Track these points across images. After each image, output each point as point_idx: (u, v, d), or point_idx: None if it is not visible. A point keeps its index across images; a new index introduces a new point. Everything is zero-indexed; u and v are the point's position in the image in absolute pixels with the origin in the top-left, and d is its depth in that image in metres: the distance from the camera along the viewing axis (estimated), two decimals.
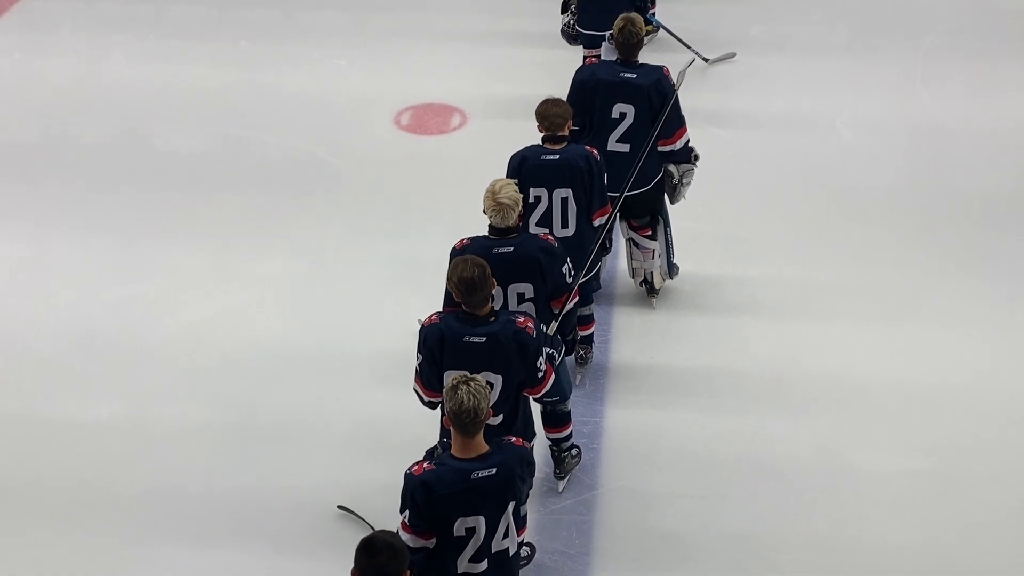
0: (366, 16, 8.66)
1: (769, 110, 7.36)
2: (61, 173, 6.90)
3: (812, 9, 8.60)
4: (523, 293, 4.29)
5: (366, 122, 7.32)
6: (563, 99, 4.94)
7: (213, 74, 7.85)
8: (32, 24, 8.64)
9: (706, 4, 8.53)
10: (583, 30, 6.99)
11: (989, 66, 7.79)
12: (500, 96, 7.45)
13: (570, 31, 7.16)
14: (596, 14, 6.64)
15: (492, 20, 8.56)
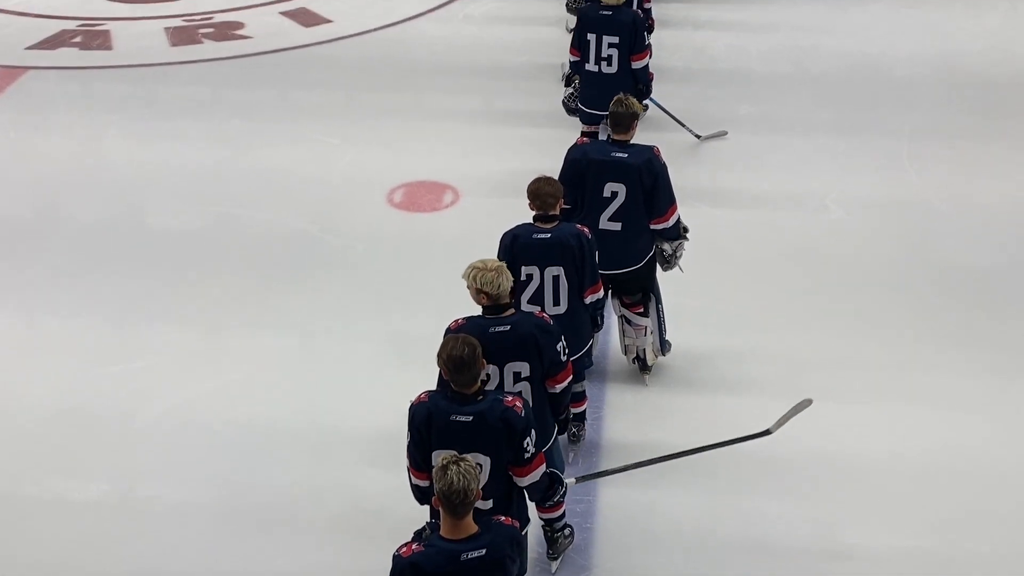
0: (359, 95, 8.76)
1: (759, 187, 7.42)
2: (53, 250, 6.90)
3: (798, 89, 8.73)
4: (519, 372, 4.28)
5: (359, 200, 7.36)
6: (554, 177, 4.98)
7: (206, 153, 7.90)
8: (28, 103, 8.72)
9: (695, 84, 8.66)
10: (584, 107, 7.08)
11: (973, 144, 7.90)
12: (492, 174, 7.51)
13: (570, 104, 7.28)
14: (597, 95, 6.73)
15: (484, 99, 8.67)
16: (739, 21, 9.83)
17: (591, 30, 6.85)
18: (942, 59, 9.12)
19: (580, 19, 7.02)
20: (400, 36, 9.72)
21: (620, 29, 6.79)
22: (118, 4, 10.25)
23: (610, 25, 6.80)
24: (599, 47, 6.83)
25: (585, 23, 6.92)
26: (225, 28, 9.73)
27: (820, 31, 9.65)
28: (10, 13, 10.06)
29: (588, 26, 6.88)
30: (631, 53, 6.83)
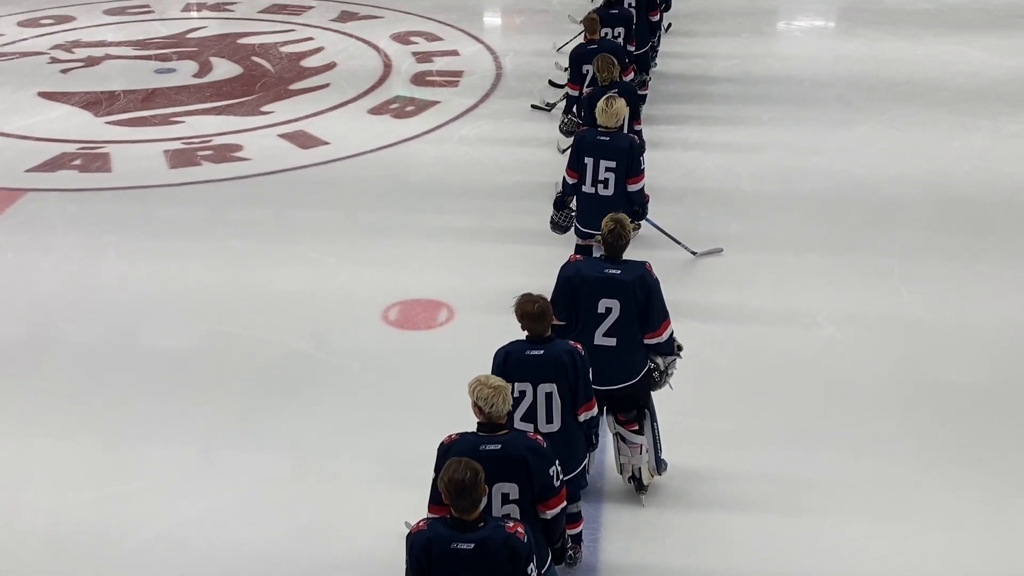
0: (355, 215, 8.86)
1: (752, 304, 7.46)
2: (47, 372, 6.88)
3: (788, 208, 8.84)
4: (508, 494, 4.23)
5: (354, 318, 7.39)
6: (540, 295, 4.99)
7: (203, 273, 7.95)
8: (26, 225, 8.79)
9: (686, 203, 8.78)
10: (580, 227, 7.16)
11: (964, 263, 7.97)
12: (487, 291, 7.54)
13: (564, 223, 7.36)
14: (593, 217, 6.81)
15: (478, 218, 8.77)
16: (728, 142, 10.02)
17: (589, 154, 6.97)
18: (930, 179, 9.27)
19: (578, 143, 7.14)
20: (396, 157, 9.89)
21: (617, 154, 6.92)
22: (118, 127, 10.42)
23: (608, 150, 6.93)
24: (596, 170, 6.95)
25: (583, 147, 7.04)
26: (224, 150, 9.90)
27: (808, 152, 9.83)
28: (11, 136, 10.22)
29: (586, 150, 7.00)
30: (628, 177, 6.94)
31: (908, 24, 13.39)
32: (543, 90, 11.11)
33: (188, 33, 13.11)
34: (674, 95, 11.11)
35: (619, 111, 6.95)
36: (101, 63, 12.14)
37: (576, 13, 12.97)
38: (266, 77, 11.68)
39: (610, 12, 9.49)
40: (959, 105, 10.82)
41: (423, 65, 12.07)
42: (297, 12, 13.97)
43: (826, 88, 11.33)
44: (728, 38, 12.94)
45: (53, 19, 13.65)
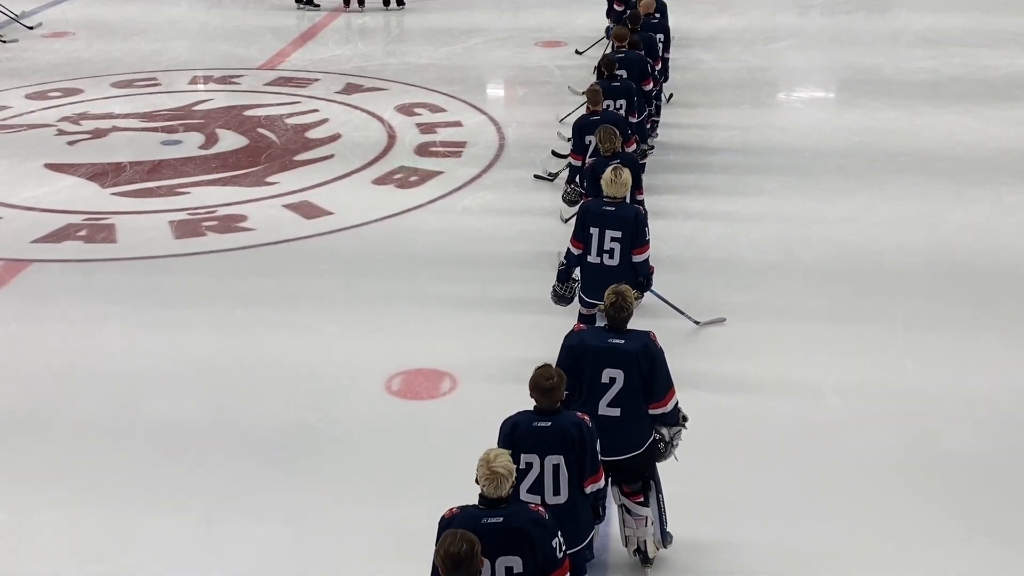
0: (358, 284, 8.88)
1: (756, 374, 7.45)
2: (49, 442, 6.86)
3: (790, 277, 8.86)
4: (511, 567, 4.19)
5: (357, 388, 7.37)
6: (556, 366, 5.01)
7: (206, 343, 7.96)
8: (30, 295, 8.81)
9: (688, 273, 8.80)
10: (585, 297, 7.17)
11: (967, 332, 7.97)
12: (490, 361, 7.55)
13: (567, 295, 7.37)
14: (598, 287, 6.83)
15: (481, 287, 8.79)
16: (729, 212, 10.07)
17: (594, 224, 7.01)
18: (931, 249, 9.30)
19: (583, 213, 7.18)
20: (400, 227, 9.94)
21: (623, 224, 6.96)
22: (124, 198, 10.50)
23: (613, 220, 6.97)
24: (601, 240, 6.98)
25: (588, 217, 7.08)
26: (228, 221, 9.95)
27: (809, 221, 9.88)
28: (17, 208, 10.29)
29: (591, 220, 7.04)
30: (633, 247, 6.97)
31: (907, 95, 13.52)
32: (546, 160, 11.20)
33: (195, 105, 13.26)
34: (675, 165, 11.19)
35: (626, 182, 7.01)
36: (108, 135, 12.25)
37: (578, 85, 13.17)
38: (271, 148, 11.79)
39: (612, 84, 9.61)
40: (959, 175, 10.89)
41: (427, 136, 12.18)
42: (303, 85, 14.14)
43: (826, 158, 11.41)
44: (728, 109, 13.07)
45: (61, 92, 13.81)
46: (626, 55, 10.32)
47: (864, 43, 16.09)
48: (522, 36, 16.70)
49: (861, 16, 18.32)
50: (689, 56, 15.02)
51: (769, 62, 15.33)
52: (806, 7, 18.93)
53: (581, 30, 16.52)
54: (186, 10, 19.13)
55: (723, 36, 16.52)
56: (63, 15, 18.37)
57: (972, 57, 15.15)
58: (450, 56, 15.66)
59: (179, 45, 16.27)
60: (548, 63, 15.13)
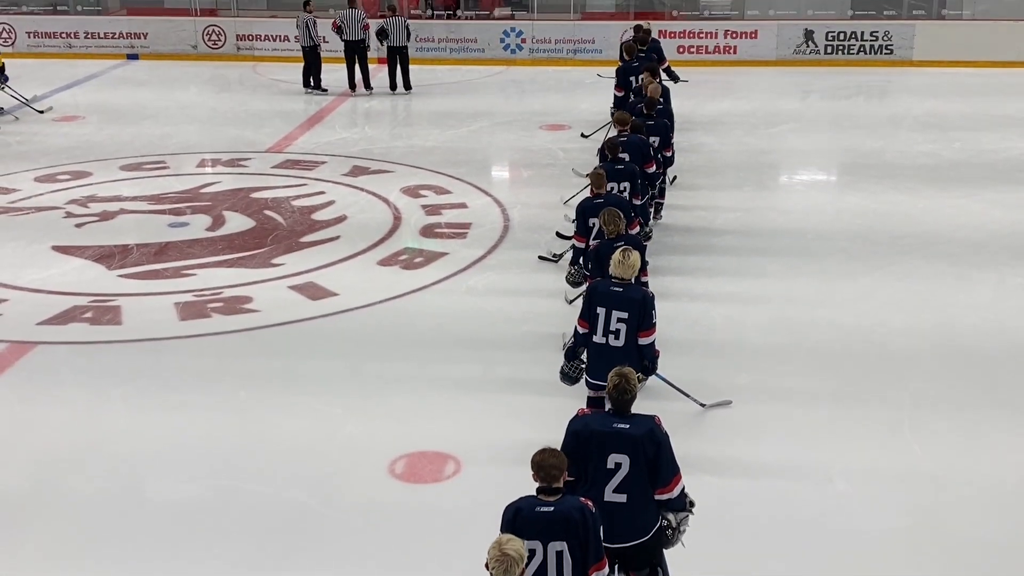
0: (362, 366, 8.87)
1: (763, 458, 7.40)
2: (50, 526, 6.79)
3: (796, 360, 8.85)
4: None
5: (360, 471, 7.32)
6: (559, 449, 4.98)
7: (210, 425, 7.92)
8: (34, 377, 8.80)
9: (693, 355, 8.79)
10: (590, 379, 7.15)
11: (974, 415, 7.93)
12: (494, 443, 7.51)
13: (573, 374, 7.35)
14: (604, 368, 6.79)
15: (486, 368, 8.78)
16: (734, 293, 10.10)
17: (601, 304, 7.02)
18: (936, 332, 9.29)
19: (591, 293, 7.19)
20: (404, 308, 9.96)
21: (630, 305, 6.97)
22: (130, 280, 10.54)
23: (621, 301, 6.97)
24: (608, 321, 6.98)
25: (595, 297, 7.09)
26: (234, 302, 9.98)
27: (813, 303, 9.89)
28: (24, 290, 10.33)
29: (598, 300, 7.05)
30: (640, 329, 6.98)
31: (908, 178, 13.64)
32: (550, 242, 11.26)
33: (202, 188, 13.39)
34: (679, 246, 11.26)
35: (635, 263, 7.02)
36: (116, 217, 12.35)
37: (582, 167, 13.31)
38: (278, 230, 11.87)
39: (615, 167, 9.69)
40: (962, 258, 10.93)
41: (432, 217, 12.27)
42: (310, 167, 14.29)
43: (829, 241, 11.47)
44: (731, 191, 13.17)
45: (70, 175, 13.96)
46: (629, 138, 10.44)
47: (864, 127, 16.28)
48: (527, 120, 16.93)
49: (861, 100, 18.58)
50: (692, 139, 15.20)
51: (771, 145, 15.49)
52: (807, 92, 19.20)
53: (585, 114, 16.77)
54: (196, 95, 19.44)
55: (725, 120, 16.74)
56: (74, 99, 18.67)
57: (972, 141, 15.32)
58: (455, 139, 15.86)
59: (188, 129, 16.50)
60: (552, 146, 15.31)
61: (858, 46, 20.89)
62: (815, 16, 21.28)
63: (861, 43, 20.88)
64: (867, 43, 20.87)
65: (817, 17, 21.25)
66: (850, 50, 20.92)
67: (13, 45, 22.07)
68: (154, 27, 22.21)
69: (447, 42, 21.75)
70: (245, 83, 20.31)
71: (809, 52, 21.00)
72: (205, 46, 22.11)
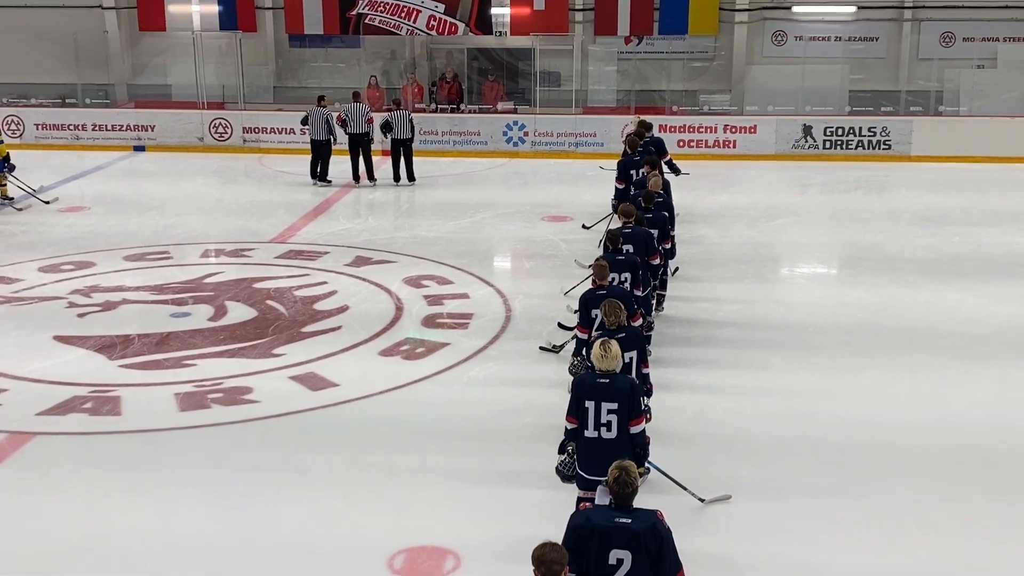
0: (362, 458, 8.81)
1: (765, 554, 7.30)
2: None
3: (799, 453, 8.78)
4: None
5: (358, 566, 7.22)
6: (560, 544, 4.93)
7: (207, 518, 7.84)
8: (32, 469, 8.73)
9: (695, 447, 8.75)
10: (583, 474, 7.08)
11: (980, 510, 7.86)
12: (495, 538, 7.43)
13: (566, 471, 7.28)
14: (597, 462, 6.76)
15: (487, 460, 8.71)
16: (736, 386, 10.07)
17: (589, 397, 6.99)
18: (940, 426, 9.24)
19: (578, 387, 7.15)
20: (405, 398, 9.93)
21: (619, 395, 6.94)
22: (131, 371, 10.53)
23: (608, 392, 6.95)
24: (598, 414, 6.95)
25: (583, 391, 7.05)
26: (234, 393, 9.96)
27: (816, 396, 9.86)
28: (24, 380, 10.31)
29: (586, 394, 7.02)
30: (630, 419, 6.94)
31: (909, 272, 13.71)
32: (552, 333, 11.27)
33: (205, 278, 13.45)
34: (681, 338, 11.26)
35: (616, 354, 7.00)
36: (118, 307, 12.38)
37: (584, 258, 13.39)
38: (280, 320, 11.89)
39: (617, 258, 9.74)
40: (965, 352, 10.93)
41: (434, 308, 12.31)
42: (313, 257, 14.38)
43: (831, 334, 11.48)
44: (732, 283, 13.23)
45: (73, 265, 14.04)
46: (632, 230, 10.51)
47: (864, 221, 16.41)
48: (529, 211, 17.08)
49: (860, 195, 18.75)
50: (693, 231, 15.31)
51: (772, 238, 15.60)
52: (806, 186, 19.41)
53: (587, 206, 16.92)
54: (201, 186, 19.65)
55: (726, 212, 16.88)
56: (80, 190, 18.86)
57: (972, 236, 15.43)
58: (458, 230, 15.98)
59: (193, 219, 16.64)
60: (554, 237, 15.42)
61: (856, 141, 21.17)
62: (813, 112, 21.61)
63: (859, 138, 21.16)
64: (865, 138, 21.15)
65: (815, 113, 21.58)
66: (848, 145, 21.19)
67: (21, 136, 22.40)
68: (161, 119, 22.56)
69: (451, 135, 22.06)
70: (250, 174, 20.55)
71: (808, 147, 21.27)
72: (212, 138, 22.42)
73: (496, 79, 23.53)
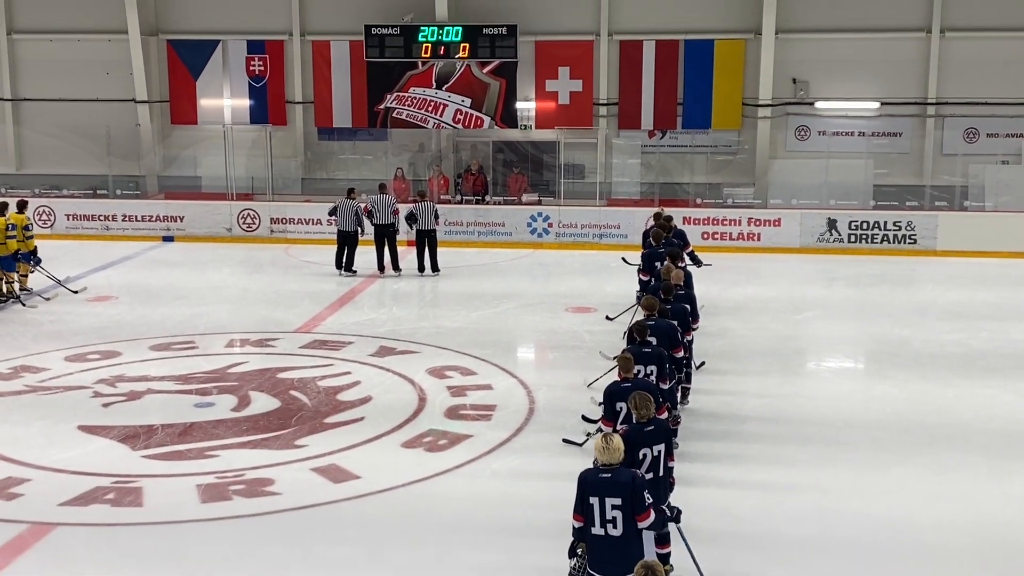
0: (382, 551, 8.70)
1: None
2: None
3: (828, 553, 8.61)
4: None
5: None
6: None
7: None
8: (53, 560, 8.66)
9: (722, 546, 8.57)
10: (594, 573, 6.94)
11: None
12: None
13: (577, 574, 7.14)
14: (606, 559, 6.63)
15: (509, 556, 8.58)
16: (763, 482, 9.93)
17: (593, 494, 6.86)
18: (971, 526, 9.05)
19: (581, 484, 7.02)
20: (427, 491, 9.83)
21: (622, 490, 6.82)
22: (153, 461, 10.49)
23: (611, 487, 6.83)
24: (603, 510, 6.83)
25: (586, 487, 6.93)
26: (256, 484, 9.89)
27: (845, 494, 9.70)
28: (47, 470, 10.28)
29: (590, 490, 6.89)
30: (635, 513, 6.83)
31: (937, 367, 13.58)
32: (576, 425, 11.18)
33: (230, 368, 13.47)
34: (706, 433, 11.14)
35: (618, 447, 6.92)
36: (143, 397, 12.40)
37: (608, 350, 13.34)
38: (303, 411, 11.86)
39: (643, 350, 9.69)
40: (996, 449, 10.75)
41: (457, 399, 12.25)
42: (337, 347, 14.39)
43: (859, 430, 11.33)
44: (758, 377, 13.13)
45: (100, 354, 14.10)
46: (657, 323, 10.48)
47: (891, 315, 16.33)
48: (553, 302, 17.10)
49: (886, 289, 18.67)
50: (717, 324, 15.25)
51: (797, 331, 15.53)
52: (832, 279, 19.36)
53: (611, 297, 16.93)
54: (228, 276, 19.82)
55: (750, 305, 16.84)
56: (108, 280, 19.04)
57: (1000, 331, 15.30)
58: (482, 320, 16.00)
59: (219, 309, 16.75)
60: (578, 328, 15.40)
61: (881, 235, 21.18)
62: (838, 206, 21.67)
63: (884, 232, 21.17)
64: (890, 232, 21.16)
65: (840, 207, 21.63)
66: (873, 239, 21.20)
67: (52, 227, 22.72)
68: (191, 211, 22.87)
69: (475, 226, 22.23)
70: (277, 264, 20.71)
71: (833, 240, 21.29)
72: (240, 229, 22.67)
73: (521, 171, 23.78)
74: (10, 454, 10.59)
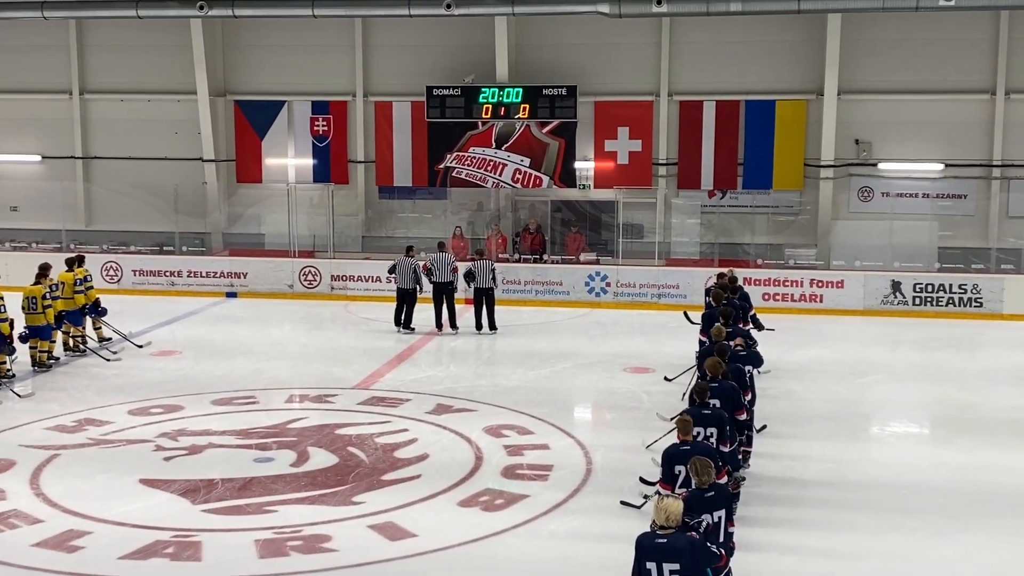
0: None
1: None
2: None
3: None
4: None
5: None
6: None
7: None
8: None
9: None
10: None
11: None
12: None
13: None
14: None
15: None
16: (825, 549, 9.73)
17: (650, 559, 6.78)
18: None
19: (638, 549, 6.93)
20: (484, 551, 9.76)
21: (679, 555, 6.73)
22: (213, 516, 10.55)
23: (668, 552, 6.74)
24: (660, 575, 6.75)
25: (643, 553, 6.84)
26: (313, 540, 9.89)
27: (910, 562, 9.48)
28: (109, 523, 10.37)
29: (647, 555, 6.81)
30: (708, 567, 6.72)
31: (1004, 433, 13.28)
32: (634, 487, 11.06)
33: (289, 423, 13.56)
34: (767, 497, 10.96)
35: (672, 510, 6.83)
36: (204, 451, 12.50)
37: (666, 411, 13.22)
38: (360, 467, 11.88)
39: (703, 412, 9.59)
40: None
41: (514, 458, 12.19)
42: (394, 404, 14.43)
43: (925, 496, 11.09)
44: (821, 441, 12.92)
45: (163, 408, 14.27)
46: (719, 384, 10.37)
47: (956, 380, 16.03)
48: (611, 361, 17.02)
49: (952, 352, 18.36)
50: (780, 386, 15.07)
51: (861, 395, 15.29)
52: (896, 342, 19.08)
53: (669, 357, 16.80)
54: (289, 332, 20.02)
55: (814, 368, 16.63)
56: (172, 335, 19.33)
57: None
58: (539, 379, 15.96)
59: (279, 365, 16.90)
60: (636, 388, 15.30)
61: (947, 298, 20.87)
62: (902, 268, 21.41)
63: (950, 295, 20.87)
64: (956, 295, 20.85)
65: (904, 269, 21.37)
66: (939, 302, 20.89)
67: (119, 282, 23.16)
68: (254, 267, 23.21)
69: (533, 284, 22.28)
70: (337, 321, 20.89)
71: (897, 303, 21.03)
72: (301, 285, 22.95)
73: (579, 230, 23.83)
74: (72, 506, 10.71)
